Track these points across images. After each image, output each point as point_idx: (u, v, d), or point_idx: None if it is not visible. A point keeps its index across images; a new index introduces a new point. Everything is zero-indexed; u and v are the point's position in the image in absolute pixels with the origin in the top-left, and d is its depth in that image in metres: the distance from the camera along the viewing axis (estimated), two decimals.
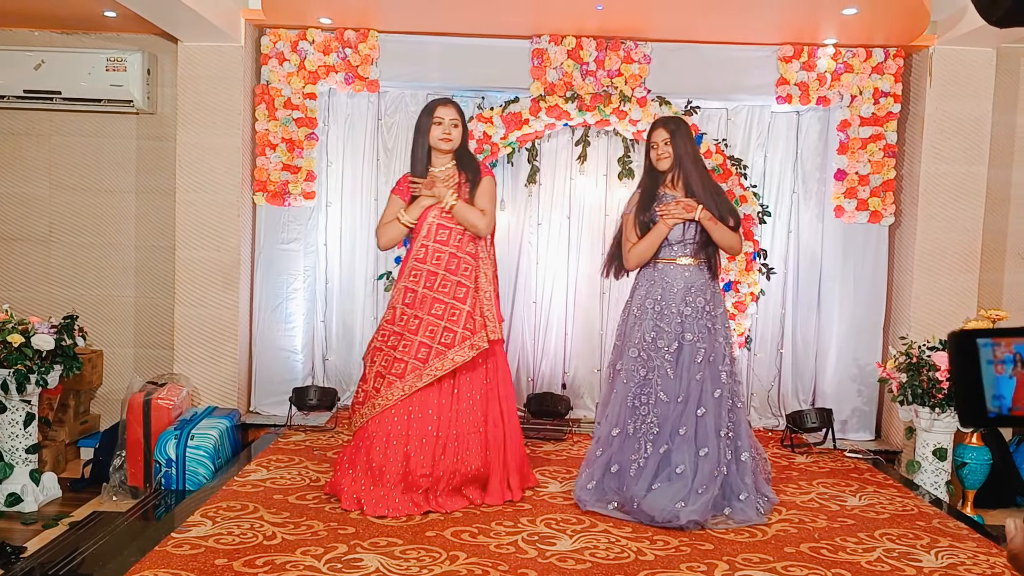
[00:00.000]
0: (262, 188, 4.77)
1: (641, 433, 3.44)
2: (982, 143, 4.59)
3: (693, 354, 3.43)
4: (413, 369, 3.40)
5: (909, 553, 3.10)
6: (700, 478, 3.32)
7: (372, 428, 3.41)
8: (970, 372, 0.69)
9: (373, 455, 3.37)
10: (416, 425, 3.38)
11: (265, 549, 2.91)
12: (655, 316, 3.49)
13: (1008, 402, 0.68)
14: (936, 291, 4.63)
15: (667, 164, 3.53)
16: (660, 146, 3.52)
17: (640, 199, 3.60)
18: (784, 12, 4.32)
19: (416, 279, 3.48)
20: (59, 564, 3.05)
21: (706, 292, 3.50)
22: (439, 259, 3.48)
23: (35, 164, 5.01)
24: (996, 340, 0.70)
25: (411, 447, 3.36)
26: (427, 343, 3.42)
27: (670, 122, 3.57)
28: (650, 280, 3.55)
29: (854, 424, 4.86)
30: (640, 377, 3.48)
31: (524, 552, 2.97)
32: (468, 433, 3.45)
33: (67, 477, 4.36)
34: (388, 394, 3.41)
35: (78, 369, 4.05)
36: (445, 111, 3.51)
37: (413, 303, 3.46)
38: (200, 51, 4.60)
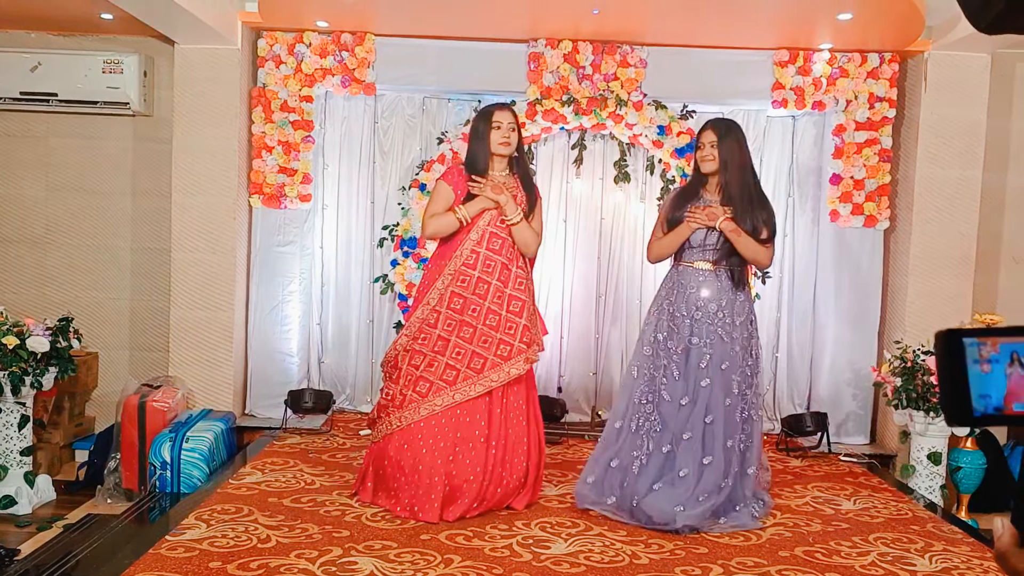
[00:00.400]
0: (258, 190, 4.77)
1: (644, 430, 3.43)
2: (977, 148, 4.61)
3: (699, 359, 3.41)
4: (466, 378, 3.35)
5: (903, 557, 3.10)
6: (703, 486, 3.31)
7: (417, 431, 3.35)
8: (956, 371, 0.70)
9: (420, 458, 3.32)
10: (464, 431, 3.34)
11: (259, 552, 2.90)
12: (669, 317, 3.49)
13: (993, 401, 0.69)
14: (931, 295, 4.65)
15: (711, 167, 3.46)
16: (706, 147, 3.46)
17: (676, 196, 3.58)
18: (780, 17, 4.34)
19: (465, 284, 3.40)
20: (53, 567, 3.04)
21: (722, 299, 3.45)
22: (490, 268, 3.41)
23: (31, 166, 5.01)
24: (982, 339, 0.70)
25: (460, 450, 3.33)
26: (481, 353, 3.37)
27: (720, 124, 3.49)
28: (671, 281, 3.56)
29: (849, 428, 4.87)
30: (648, 375, 3.49)
31: (519, 556, 2.97)
32: (516, 441, 3.43)
33: (62, 479, 4.35)
34: (437, 399, 3.35)
35: (73, 371, 4.04)
36: (503, 115, 3.43)
37: (462, 309, 3.39)
38: (196, 53, 4.60)
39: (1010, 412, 0.70)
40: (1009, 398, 0.69)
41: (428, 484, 3.29)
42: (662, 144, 4.76)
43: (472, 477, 3.32)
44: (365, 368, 5.03)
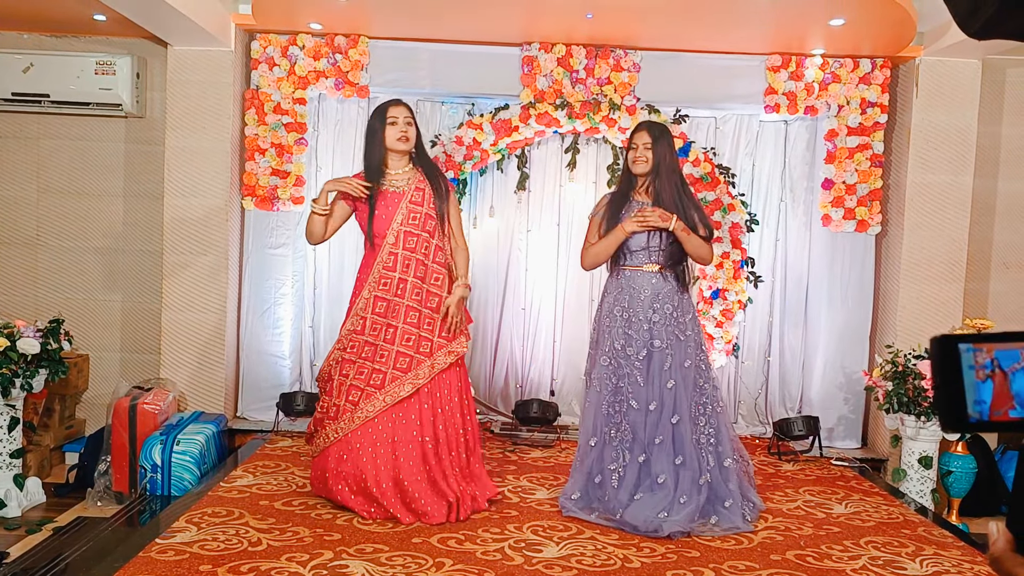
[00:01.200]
0: (251, 193, 4.76)
1: (617, 441, 3.44)
2: (968, 153, 4.63)
3: (662, 361, 3.43)
4: (394, 379, 3.38)
5: (894, 561, 3.11)
6: (681, 487, 3.32)
7: (355, 440, 3.36)
8: (952, 377, 0.70)
9: (362, 467, 3.33)
10: (402, 431, 3.36)
11: (250, 555, 2.89)
12: (624, 323, 3.49)
13: (988, 407, 0.69)
14: (922, 300, 4.66)
15: (643, 168, 3.50)
16: (640, 148, 3.50)
17: (610, 203, 3.59)
18: (772, 22, 4.35)
19: (387, 287, 3.43)
20: (42, 569, 3.02)
21: (673, 299, 3.49)
22: (407, 266, 3.44)
23: (23, 167, 4.99)
24: (977, 345, 0.70)
25: (400, 452, 3.35)
26: (405, 352, 3.40)
27: (654, 127, 3.54)
28: (617, 287, 3.55)
29: (840, 432, 4.88)
30: (612, 385, 3.48)
31: (511, 559, 2.96)
32: (453, 434, 3.45)
33: (51, 482, 4.33)
34: (369, 406, 3.37)
35: (64, 373, 4.02)
36: (398, 110, 3.47)
37: (386, 312, 3.42)
38: (190, 55, 4.60)
39: (1003, 419, 0.70)
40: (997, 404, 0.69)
41: (378, 493, 3.30)
42: None
43: (418, 476, 3.33)
44: None
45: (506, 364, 5.03)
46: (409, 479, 3.32)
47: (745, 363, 4.99)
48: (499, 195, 4.98)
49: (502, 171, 4.97)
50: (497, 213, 4.98)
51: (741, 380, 4.99)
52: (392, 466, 3.34)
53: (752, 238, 4.89)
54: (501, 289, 5.01)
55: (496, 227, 4.99)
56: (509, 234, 5.00)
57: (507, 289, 5.01)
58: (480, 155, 4.77)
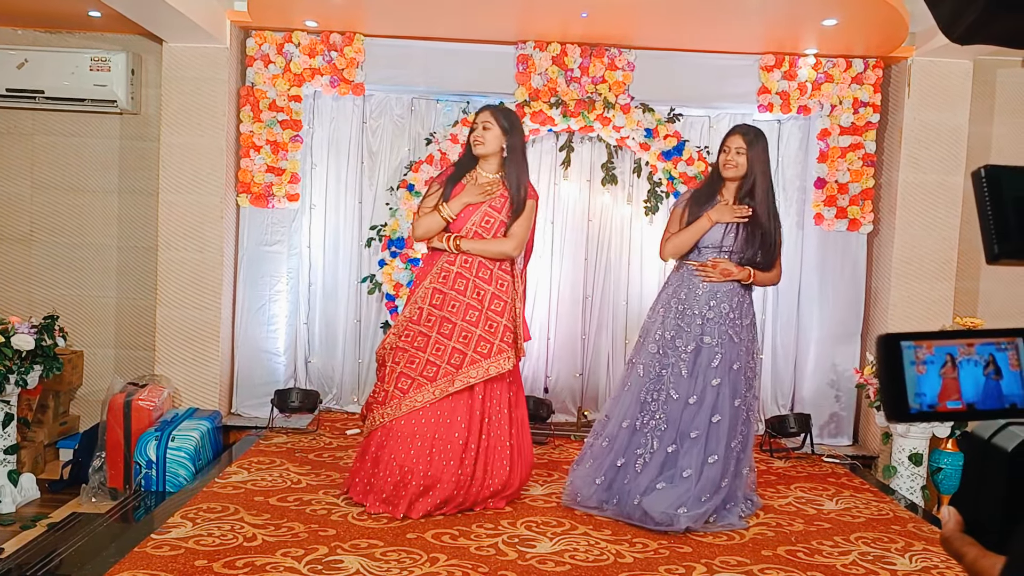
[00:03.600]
0: (246, 190, 4.77)
1: (649, 429, 3.43)
2: (959, 153, 4.67)
3: (710, 358, 3.42)
4: (446, 374, 3.36)
5: (884, 556, 3.14)
6: (704, 484, 3.32)
7: (397, 428, 3.36)
8: (895, 372, 0.75)
9: (396, 455, 3.33)
10: (443, 430, 3.35)
11: (245, 551, 2.91)
12: (677, 315, 3.48)
13: (928, 399, 0.74)
14: (913, 299, 4.70)
15: (734, 173, 3.44)
16: (732, 152, 3.43)
17: (693, 198, 3.54)
18: (766, 22, 4.38)
19: (445, 280, 3.41)
20: (37, 566, 3.03)
21: (732, 300, 3.46)
22: (470, 265, 3.42)
23: (17, 163, 4.98)
24: (918, 343, 0.76)
25: (437, 449, 3.34)
26: (461, 349, 3.38)
27: (750, 131, 3.46)
28: (679, 280, 3.55)
29: (832, 429, 4.92)
30: (655, 373, 3.48)
31: (504, 554, 2.99)
32: (496, 444, 3.43)
33: (46, 478, 4.33)
34: (417, 396, 3.36)
35: (58, 370, 4.03)
36: (480, 115, 3.45)
37: (441, 305, 3.40)
38: (185, 52, 4.60)
39: (943, 409, 0.75)
40: (943, 396, 0.74)
41: (401, 481, 3.31)
42: (649, 147, 4.80)
43: (446, 477, 3.32)
44: (352, 368, 5.04)
45: None
46: (435, 476, 3.31)
47: None
48: None
49: None
50: None
51: None
52: (427, 462, 3.32)
53: None
54: None
55: None
56: None
57: None
58: None
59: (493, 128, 3.43)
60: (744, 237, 3.44)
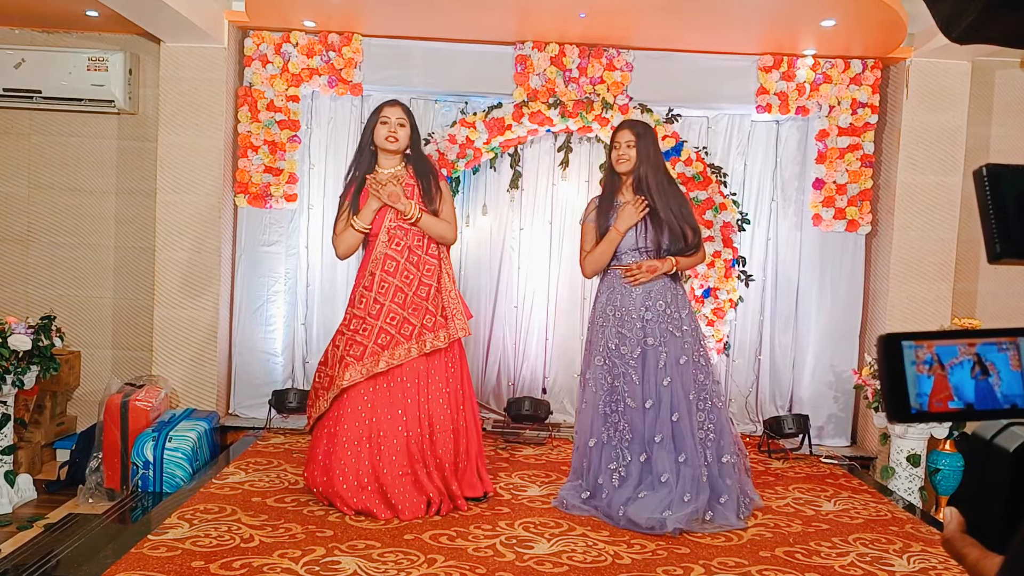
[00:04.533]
0: (244, 190, 4.76)
1: (616, 441, 3.45)
2: (957, 154, 4.67)
3: (656, 358, 3.43)
4: (372, 353, 3.39)
5: (882, 557, 3.14)
6: (683, 485, 3.32)
7: (339, 433, 3.37)
8: (895, 372, 0.75)
9: (344, 460, 3.35)
10: (385, 426, 3.37)
11: (242, 552, 2.90)
12: (616, 323, 3.49)
13: (928, 399, 0.74)
14: (911, 299, 4.70)
15: (627, 167, 3.51)
16: (622, 147, 3.50)
17: (598, 208, 3.59)
18: (764, 23, 4.38)
19: (376, 263, 3.46)
20: (33, 566, 3.02)
21: (666, 295, 3.49)
22: (401, 253, 3.47)
23: (14, 163, 4.97)
24: (919, 342, 0.75)
25: (383, 447, 3.35)
26: (388, 330, 3.41)
27: (637, 125, 3.56)
28: (610, 287, 3.56)
29: (830, 430, 4.92)
30: (608, 384, 3.49)
31: (502, 555, 2.98)
32: (441, 430, 3.45)
33: (42, 479, 4.32)
34: (346, 375, 3.38)
35: (55, 370, 4.02)
36: (392, 111, 3.50)
37: (371, 286, 3.45)
38: (183, 52, 4.59)
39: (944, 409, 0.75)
40: (937, 396, 0.74)
41: (356, 484, 3.33)
42: None
43: (401, 472, 3.35)
44: None
45: (498, 362, 5.04)
46: (391, 473, 3.33)
47: (736, 362, 5.01)
48: (492, 193, 5.00)
49: (495, 169, 4.98)
50: (490, 211, 4.99)
51: (732, 378, 5.02)
52: (372, 461, 3.35)
53: (743, 237, 4.92)
54: (493, 287, 5.03)
55: (489, 225, 5.00)
56: (502, 232, 5.01)
57: (499, 287, 5.03)
58: (473, 153, 4.78)
59: (406, 126, 3.50)
60: (653, 231, 3.48)
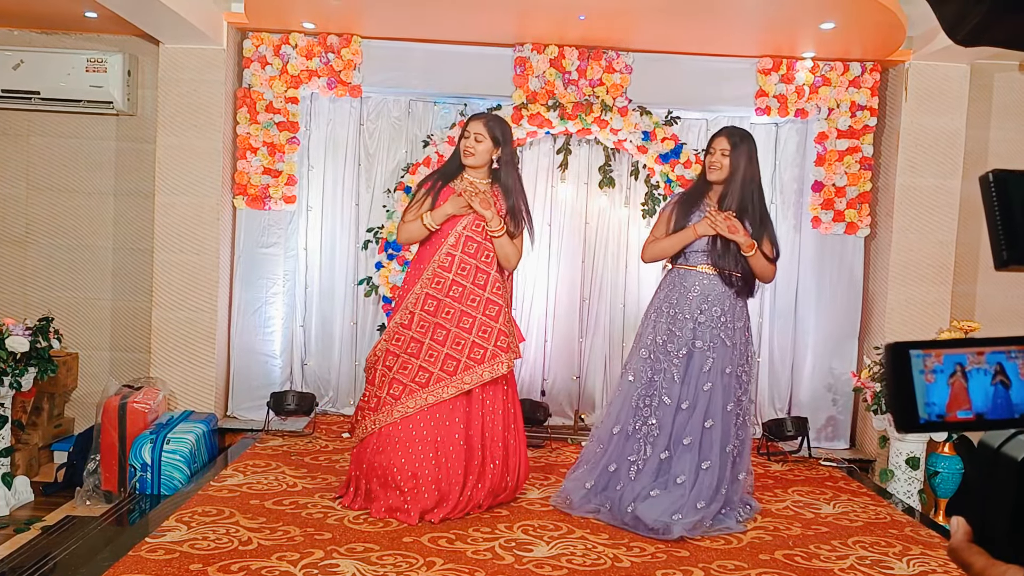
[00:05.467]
0: (242, 192, 4.76)
1: (641, 434, 3.42)
2: (956, 157, 4.67)
3: (702, 362, 3.40)
4: (439, 380, 3.36)
5: (881, 561, 3.14)
6: (699, 491, 3.30)
7: (395, 433, 3.35)
8: (904, 381, 0.73)
9: (395, 462, 3.32)
10: (444, 434, 3.35)
11: (241, 554, 2.89)
12: (669, 320, 3.46)
13: (937, 409, 0.73)
14: (910, 302, 4.70)
15: (718, 176, 3.43)
16: (716, 154, 3.42)
17: (680, 202, 3.53)
18: (763, 25, 4.38)
19: (440, 287, 3.40)
20: (31, 569, 3.01)
21: (724, 303, 3.43)
22: (465, 271, 3.41)
23: (12, 165, 4.97)
24: (927, 351, 0.74)
25: (441, 454, 3.34)
26: (454, 356, 3.37)
27: (735, 133, 3.45)
28: (670, 284, 3.53)
29: (829, 433, 4.91)
30: (647, 378, 3.47)
31: (501, 558, 2.97)
32: (493, 443, 3.44)
33: (40, 481, 4.31)
34: (409, 402, 3.35)
35: (53, 372, 4.01)
36: (473, 124, 3.46)
37: (435, 311, 3.39)
38: (181, 53, 4.59)
39: (952, 419, 0.74)
40: (952, 406, 0.72)
41: (402, 488, 3.30)
42: (647, 150, 4.79)
43: (455, 481, 3.34)
44: (348, 370, 5.02)
45: None
46: (447, 482, 3.32)
47: None
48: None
49: None
50: None
51: None
52: (434, 467, 3.32)
53: None
54: None
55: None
56: None
57: None
58: None
59: (485, 141, 3.44)
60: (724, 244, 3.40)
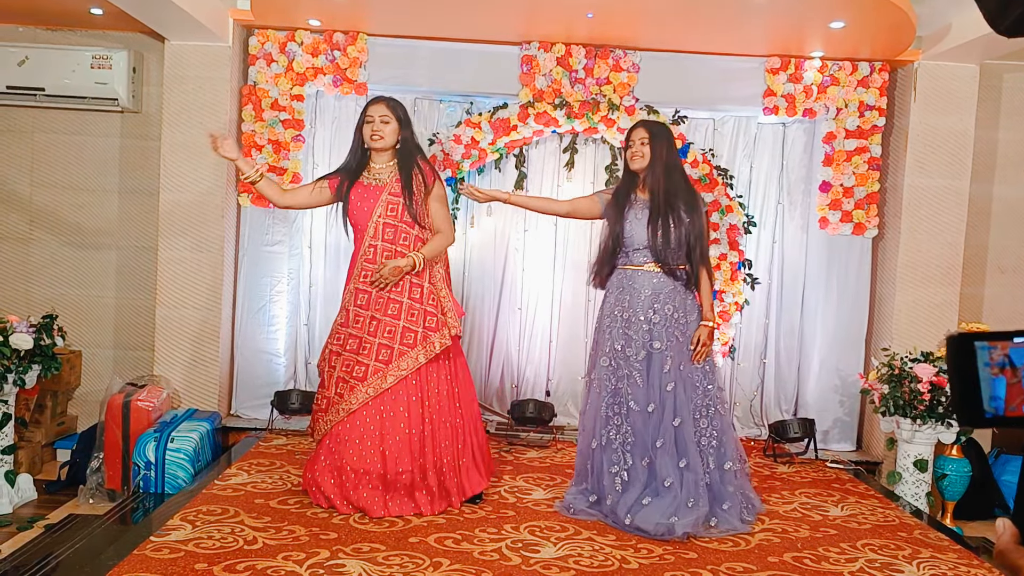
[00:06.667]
0: (247, 189, 4.73)
1: (617, 444, 3.42)
2: (965, 158, 4.64)
3: (662, 363, 3.40)
4: (376, 371, 3.39)
5: (891, 564, 3.11)
6: (687, 491, 3.30)
7: (343, 432, 3.39)
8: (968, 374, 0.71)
9: (347, 458, 3.36)
10: (389, 423, 3.37)
11: (246, 554, 2.87)
12: (623, 324, 3.46)
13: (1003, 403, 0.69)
14: (918, 303, 4.67)
15: (641, 163, 3.48)
16: (636, 144, 3.49)
17: (615, 195, 3.57)
18: (772, 24, 4.35)
19: (367, 279, 3.44)
20: (34, 567, 3.00)
21: (675, 300, 3.44)
22: (388, 257, 3.43)
23: (16, 161, 4.95)
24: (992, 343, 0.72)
25: (386, 446, 3.36)
26: (387, 344, 3.40)
27: (651, 124, 3.54)
28: (619, 287, 3.52)
29: (835, 435, 4.88)
30: (612, 386, 3.46)
31: (508, 559, 2.95)
32: (440, 426, 3.44)
33: (43, 479, 4.29)
34: (352, 398, 3.39)
35: (56, 369, 3.99)
36: (375, 108, 3.48)
37: (367, 304, 3.44)
38: (187, 50, 4.57)
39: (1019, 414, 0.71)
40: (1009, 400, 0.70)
41: (358, 481, 3.33)
42: None
43: (403, 470, 3.35)
44: None
45: (502, 364, 5.01)
46: (393, 473, 3.34)
47: (741, 365, 4.98)
48: None
49: (500, 170, 4.95)
50: (494, 212, 4.96)
51: (737, 382, 4.98)
52: (379, 460, 3.35)
53: (749, 240, 4.89)
54: (497, 289, 5.00)
55: (493, 226, 4.97)
56: (506, 234, 4.98)
57: (503, 289, 5.00)
58: (478, 154, 4.75)
59: (391, 122, 3.48)
60: (670, 233, 3.41)
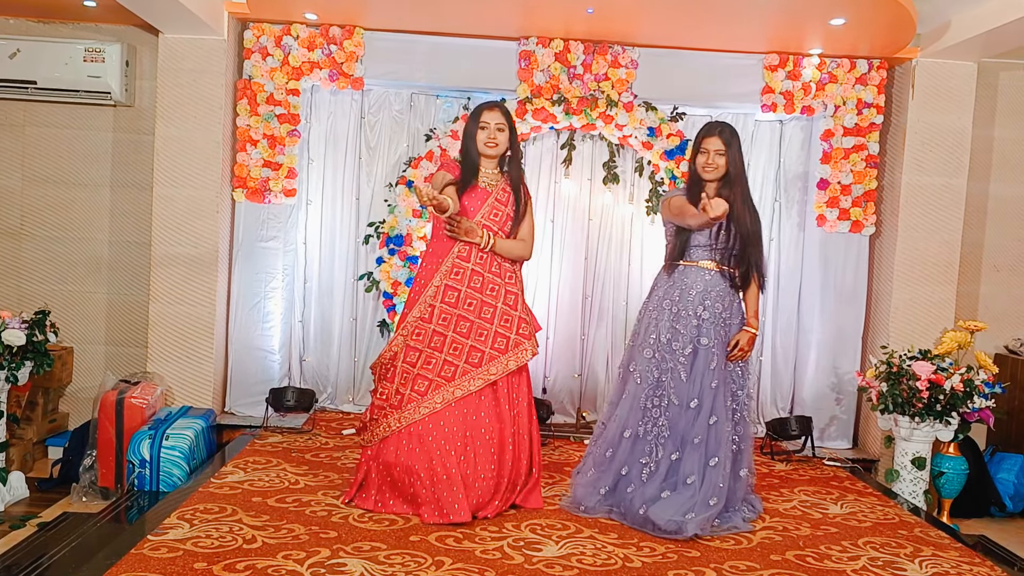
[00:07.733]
0: (242, 184, 4.69)
1: (652, 436, 3.39)
2: (962, 156, 4.65)
3: (708, 359, 3.37)
4: (464, 372, 3.32)
5: (893, 562, 3.11)
6: (708, 488, 3.27)
7: (424, 432, 3.28)
8: None
9: (436, 459, 3.24)
10: (472, 428, 3.30)
11: (245, 553, 2.83)
12: (671, 317, 3.42)
13: None
14: (915, 301, 4.68)
15: (714, 175, 3.38)
16: (711, 155, 3.37)
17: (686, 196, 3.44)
18: (772, 21, 4.34)
19: (460, 278, 3.37)
20: (28, 567, 2.94)
21: (725, 300, 3.42)
22: (483, 260, 3.39)
23: (8, 155, 4.89)
24: None
25: (471, 449, 3.29)
26: (479, 347, 3.35)
27: (726, 130, 3.39)
28: (669, 281, 3.49)
29: (832, 433, 4.89)
30: (654, 379, 3.42)
31: (510, 558, 2.93)
32: (520, 437, 3.40)
33: (35, 477, 4.24)
34: (436, 397, 3.31)
35: (49, 366, 3.94)
36: (491, 115, 3.42)
37: (457, 302, 3.36)
38: (181, 43, 4.51)
39: None
40: None
41: (449, 483, 3.22)
42: (651, 146, 4.75)
43: (483, 476, 3.29)
44: (348, 367, 4.96)
45: None
46: (474, 477, 3.28)
47: None
48: None
49: None
50: None
51: None
52: (463, 463, 3.27)
53: None
54: None
55: None
56: None
57: None
58: None
59: (506, 130, 3.44)
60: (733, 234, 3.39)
